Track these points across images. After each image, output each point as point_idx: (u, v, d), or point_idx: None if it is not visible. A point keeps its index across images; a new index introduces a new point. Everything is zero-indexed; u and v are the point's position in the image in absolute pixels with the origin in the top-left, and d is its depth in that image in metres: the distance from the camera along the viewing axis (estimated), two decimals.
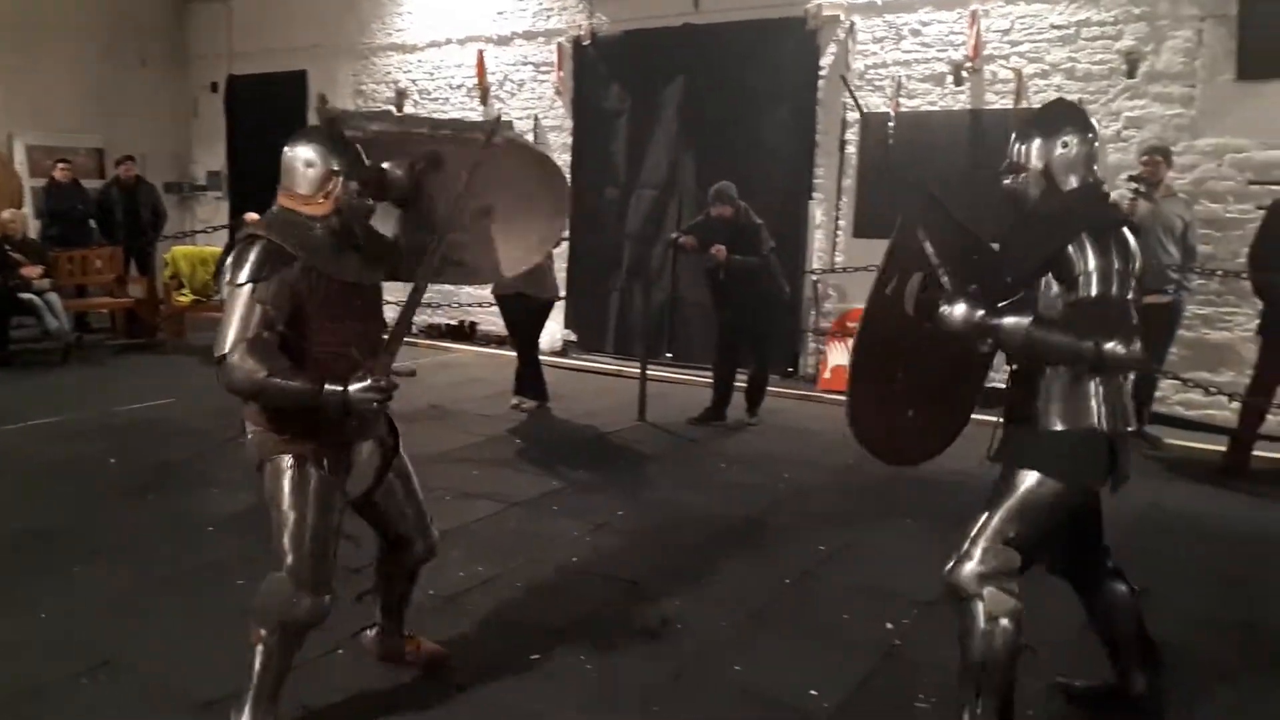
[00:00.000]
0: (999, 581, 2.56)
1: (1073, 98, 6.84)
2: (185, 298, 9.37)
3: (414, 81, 10.31)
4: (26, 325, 8.33)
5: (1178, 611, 3.71)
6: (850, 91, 4.26)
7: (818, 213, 8.11)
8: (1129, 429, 2.67)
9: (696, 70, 8.38)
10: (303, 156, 2.63)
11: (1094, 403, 2.58)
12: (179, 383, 7.52)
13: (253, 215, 8.84)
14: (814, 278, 8.06)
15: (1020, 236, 2.73)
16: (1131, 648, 2.89)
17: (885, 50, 7.68)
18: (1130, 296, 2.51)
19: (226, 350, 2.45)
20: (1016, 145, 2.72)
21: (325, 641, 3.14)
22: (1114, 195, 6.18)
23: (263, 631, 2.63)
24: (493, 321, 9.17)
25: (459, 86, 9.98)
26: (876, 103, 7.72)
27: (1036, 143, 2.67)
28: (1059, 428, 2.60)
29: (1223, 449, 5.93)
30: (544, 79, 9.38)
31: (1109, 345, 2.40)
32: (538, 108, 9.41)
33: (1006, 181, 2.75)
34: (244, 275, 2.48)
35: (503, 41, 9.63)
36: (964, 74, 7.32)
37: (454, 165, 2.88)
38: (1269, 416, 5.80)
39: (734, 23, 8.17)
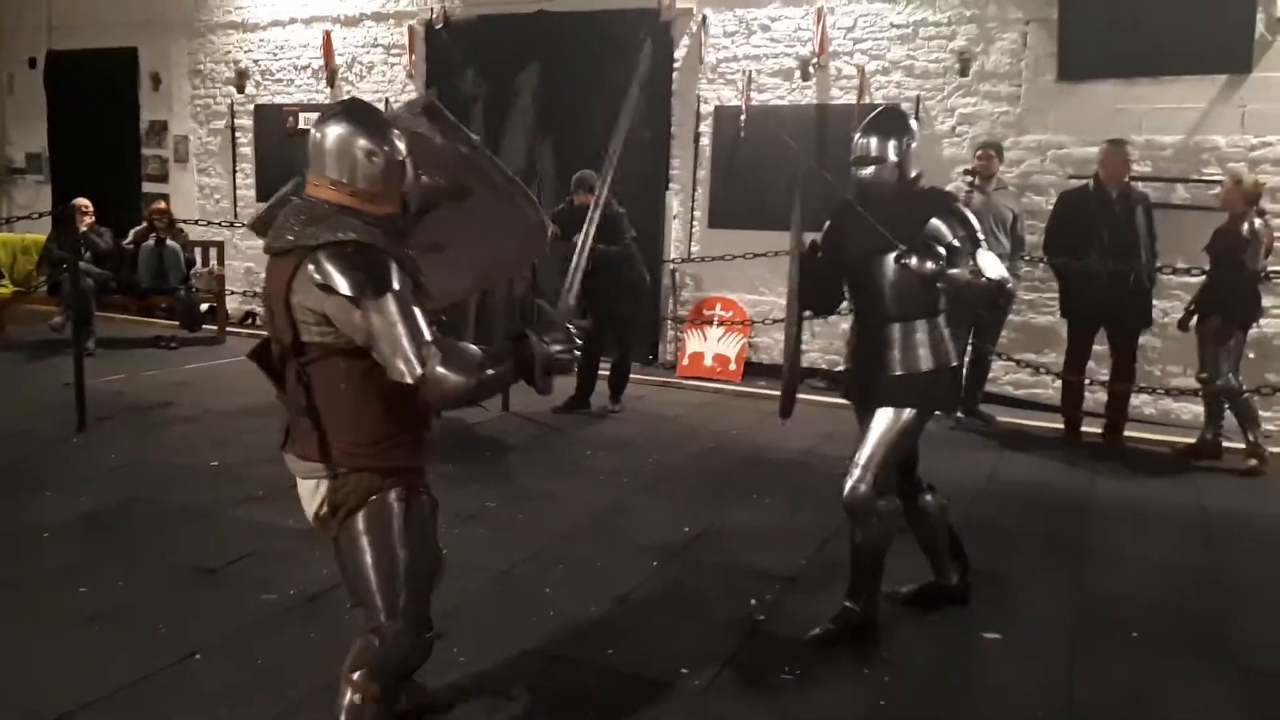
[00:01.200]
0: (886, 498, 3.29)
1: (911, 94, 7.27)
2: (6, 289, 8.69)
3: (256, 62, 9.87)
4: None
5: (1014, 575, 4.02)
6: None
7: (675, 203, 8.25)
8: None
9: (552, 58, 8.37)
10: (362, 144, 2.16)
11: (948, 346, 3.33)
12: (2, 380, 6.99)
13: (84, 200, 8.33)
14: (672, 266, 8.20)
15: (889, 212, 3.18)
16: (944, 548, 3.60)
17: (736, 45, 7.87)
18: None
19: (422, 367, 2.03)
20: (871, 142, 3.29)
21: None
22: (949, 187, 6.58)
23: (377, 688, 2.28)
24: None
25: (305, 68, 9.62)
26: (729, 96, 7.91)
27: (891, 141, 3.27)
28: (928, 367, 3.27)
29: (1049, 424, 6.42)
30: (395, 62, 9.16)
31: (1010, 282, 3.16)
32: (389, 91, 9.17)
33: (866, 172, 3.30)
34: (392, 283, 2.06)
35: (351, 22, 9.34)
36: (811, 69, 7.59)
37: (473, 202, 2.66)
38: (1089, 394, 6.32)
39: (588, 12, 8.19)
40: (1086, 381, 6.26)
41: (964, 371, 6.63)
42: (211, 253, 9.30)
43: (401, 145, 2.22)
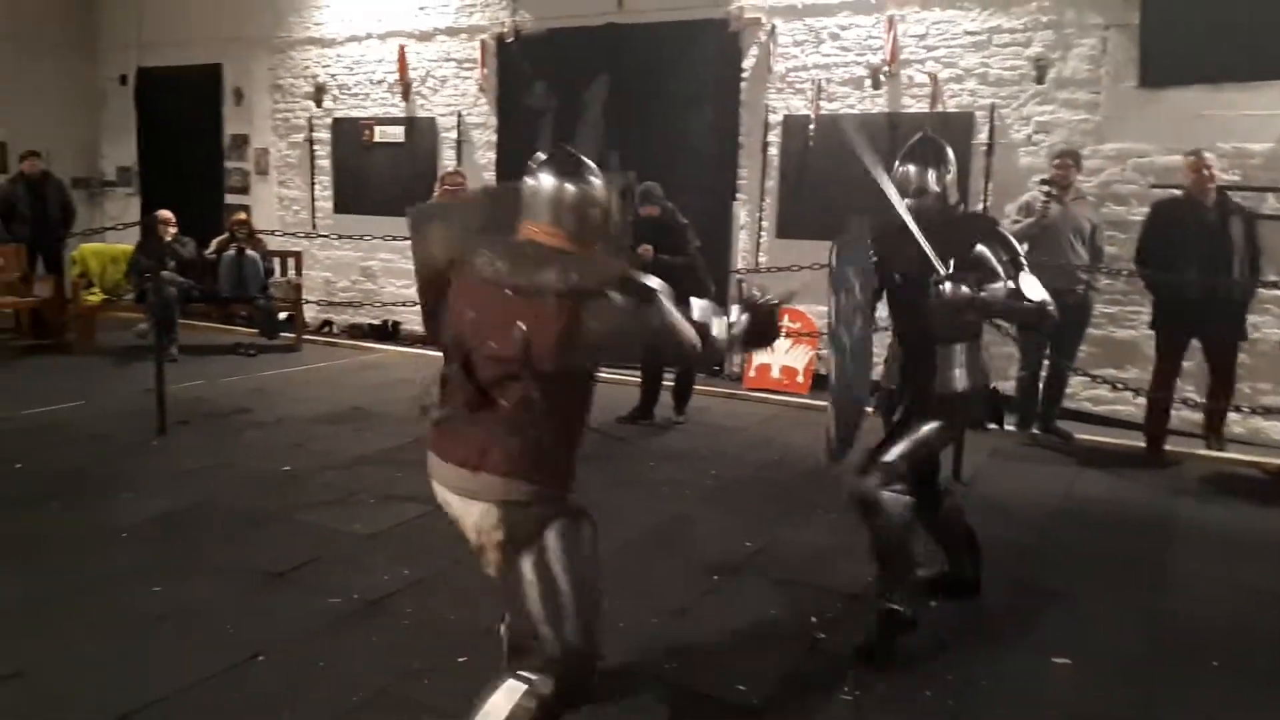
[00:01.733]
0: (890, 488, 3.34)
1: (985, 102, 7.12)
2: (95, 297, 9.03)
3: (333, 76, 10.12)
4: None
5: (1088, 597, 3.88)
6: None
7: (742, 213, 8.21)
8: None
9: (620, 70, 8.41)
10: (592, 198, 2.35)
11: (986, 367, 3.49)
12: (88, 385, 7.26)
13: (167, 212, 8.63)
14: (739, 277, 8.14)
15: (935, 239, 3.23)
16: (962, 542, 3.76)
17: (806, 54, 7.81)
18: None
19: (701, 341, 2.36)
20: (913, 171, 3.44)
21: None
22: (1026, 198, 6.43)
23: (541, 713, 2.28)
24: (416, 321, 9.06)
25: (380, 82, 9.82)
26: (798, 105, 7.85)
27: (932, 172, 3.42)
28: (962, 388, 3.40)
29: (1130, 442, 6.20)
30: (467, 76, 9.30)
31: (1051, 304, 3.22)
32: (461, 104, 9.33)
33: (911, 201, 3.35)
34: (652, 288, 2.26)
35: (425, 37, 9.51)
36: (882, 78, 7.48)
37: None
38: (1174, 412, 6.09)
39: (657, 23, 8.21)
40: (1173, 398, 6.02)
41: (1040, 386, 6.46)
42: (290, 262, 9.55)
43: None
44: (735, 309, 2.55)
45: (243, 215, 9.45)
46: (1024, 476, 5.62)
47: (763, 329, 2.54)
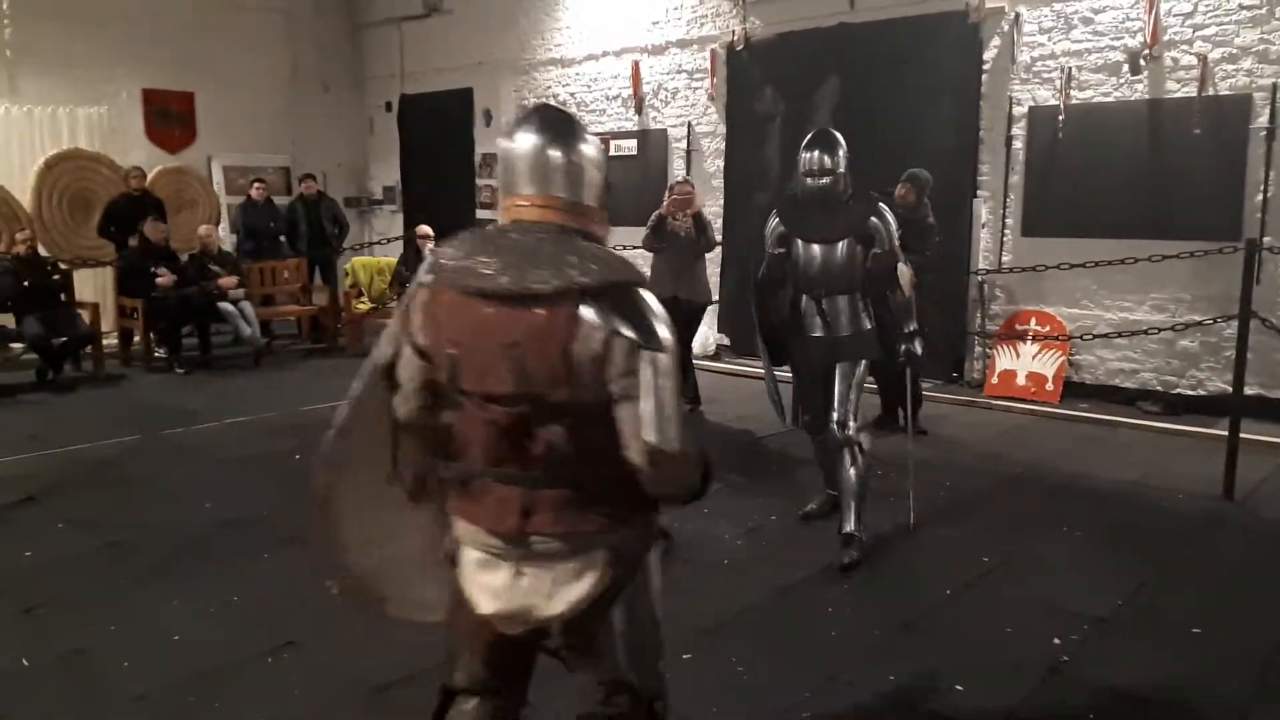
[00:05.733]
0: (865, 429, 4.34)
1: (1265, 82, 6.42)
2: (364, 305, 9.93)
3: (572, 94, 10.58)
4: (223, 332, 9.04)
5: None
6: None
7: (983, 211, 7.82)
8: None
9: (852, 70, 8.24)
10: (589, 155, 1.87)
11: (870, 311, 4.31)
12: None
13: (426, 227, 9.34)
14: (980, 278, 7.77)
15: (843, 213, 4.20)
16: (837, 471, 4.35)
17: (1054, 41, 7.33)
18: None
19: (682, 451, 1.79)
20: (823, 158, 4.14)
21: None
22: None
23: None
24: None
25: (615, 97, 10.17)
26: (1045, 96, 7.38)
27: (837, 156, 4.16)
28: (869, 327, 4.27)
29: None
30: (698, 86, 9.44)
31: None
32: (691, 115, 9.48)
33: (823, 181, 4.14)
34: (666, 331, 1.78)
35: (657, 51, 9.75)
36: (1142, 62, 6.89)
37: None
38: None
39: (891, 20, 7.98)
40: None
41: None
42: None
43: None
44: None
45: None
46: None
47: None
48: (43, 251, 8.70)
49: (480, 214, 11.58)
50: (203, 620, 3.58)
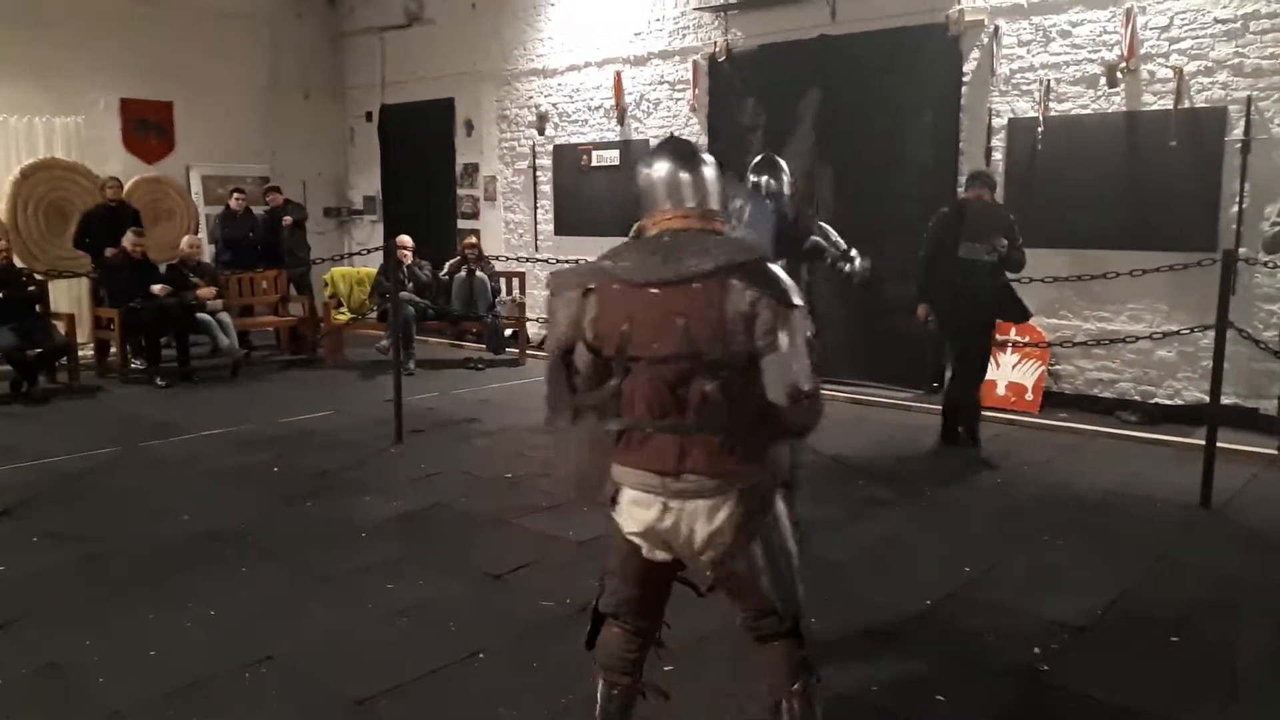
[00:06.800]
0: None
1: (1240, 95, 6.51)
2: (343, 316, 9.88)
3: (554, 105, 10.59)
4: (200, 343, 8.96)
5: None
6: None
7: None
8: None
9: (833, 82, 8.29)
10: (712, 175, 2.38)
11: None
12: (337, 396, 7.95)
13: (405, 237, 9.30)
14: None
15: (792, 229, 4.90)
16: None
17: (1032, 53, 7.40)
18: None
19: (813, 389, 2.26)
20: (770, 181, 4.95)
21: None
22: None
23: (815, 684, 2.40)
24: None
25: (597, 108, 10.18)
26: (1024, 108, 7.45)
27: (781, 179, 4.96)
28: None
29: None
30: (679, 97, 9.47)
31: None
32: (673, 126, 9.51)
33: (770, 203, 4.88)
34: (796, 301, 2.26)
35: (639, 62, 9.78)
36: (1118, 75, 6.97)
37: None
38: None
39: (872, 32, 8.04)
40: None
41: None
42: (514, 283, 10.06)
43: None
44: None
45: (473, 239, 10.06)
46: None
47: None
48: (18, 262, 8.61)
49: (460, 223, 11.56)
50: (181, 634, 3.54)
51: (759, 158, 5.17)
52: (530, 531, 4.66)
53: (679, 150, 2.37)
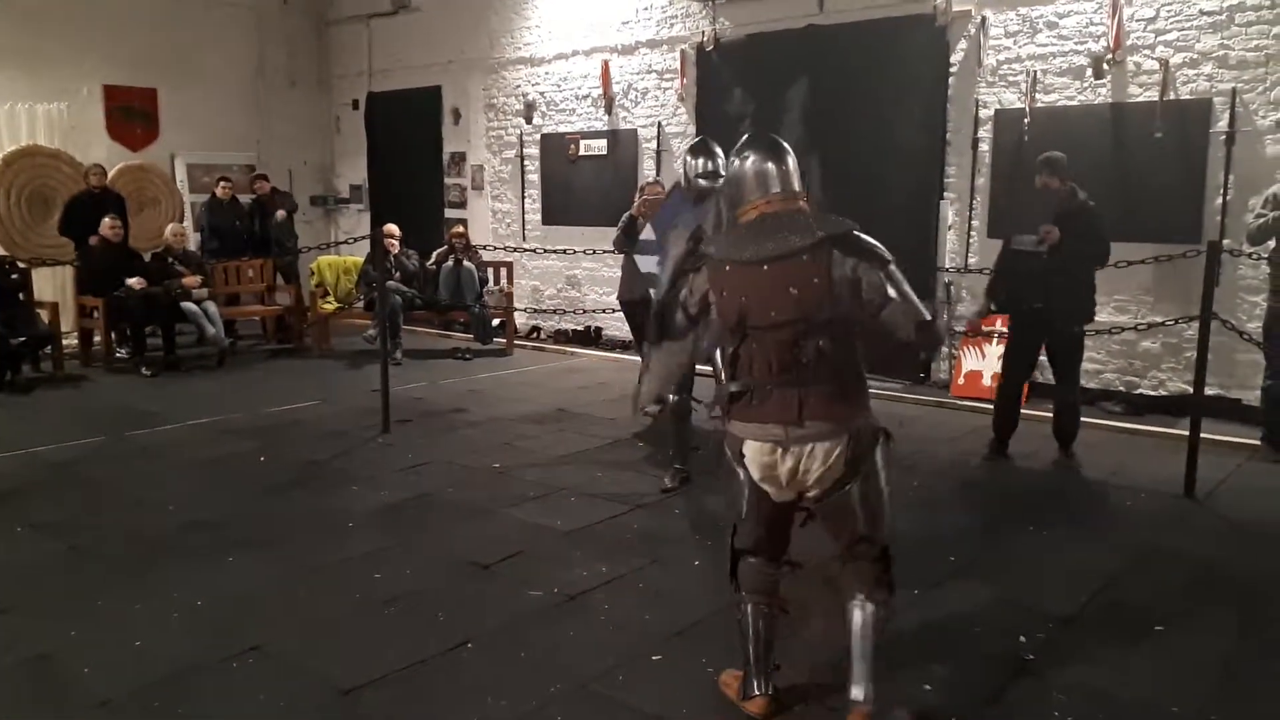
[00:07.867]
0: (680, 395, 5.27)
1: (1225, 87, 6.54)
2: (330, 305, 9.84)
3: (542, 94, 10.55)
4: (186, 332, 8.91)
5: None
6: None
7: (950, 212, 7.89)
8: None
9: (821, 72, 8.29)
10: (794, 161, 2.77)
11: None
12: (324, 385, 7.92)
13: (391, 226, 9.25)
14: (946, 279, 7.84)
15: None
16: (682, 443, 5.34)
17: (1019, 45, 7.41)
18: None
19: (931, 316, 2.65)
20: (715, 162, 4.92)
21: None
22: (1274, 189, 5.82)
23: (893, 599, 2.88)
24: (617, 327, 9.30)
25: (585, 97, 10.15)
26: (1010, 99, 7.47)
27: (723, 160, 4.75)
28: None
29: None
30: (667, 86, 9.45)
31: None
32: (661, 115, 9.49)
33: (717, 184, 4.66)
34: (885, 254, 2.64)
35: (627, 51, 9.74)
36: (1105, 66, 6.99)
37: None
38: None
39: (859, 22, 8.04)
40: None
41: None
42: (502, 272, 10.04)
43: None
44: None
45: (460, 229, 10.02)
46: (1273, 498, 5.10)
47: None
48: (0, 250, 8.53)
49: (448, 212, 11.51)
50: (167, 624, 3.53)
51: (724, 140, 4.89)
52: (518, 521, 4.66)
53: (762, 144, 2.76)
